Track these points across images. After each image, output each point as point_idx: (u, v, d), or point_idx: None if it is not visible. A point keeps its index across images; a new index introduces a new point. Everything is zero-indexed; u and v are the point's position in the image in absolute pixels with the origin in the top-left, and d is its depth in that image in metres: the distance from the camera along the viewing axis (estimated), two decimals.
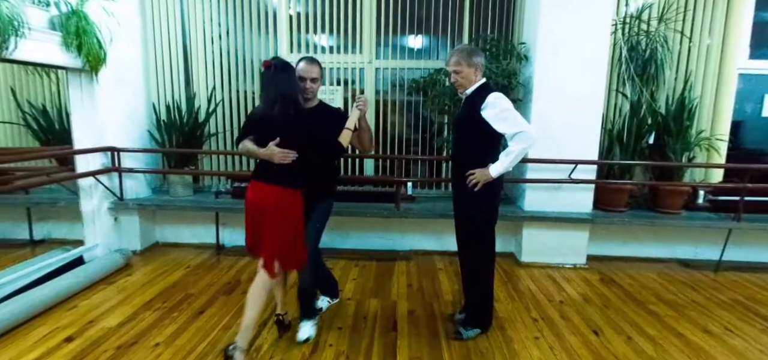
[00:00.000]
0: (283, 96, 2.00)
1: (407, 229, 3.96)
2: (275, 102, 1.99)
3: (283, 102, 2.00)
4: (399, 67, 4.14)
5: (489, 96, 2.23)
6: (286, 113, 2.00)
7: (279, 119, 2.00)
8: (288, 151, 2.03)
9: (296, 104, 2.06)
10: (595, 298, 3.05)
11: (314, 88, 2.24)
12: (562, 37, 3.39)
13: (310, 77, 2.21)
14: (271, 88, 2.01)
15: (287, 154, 2.03)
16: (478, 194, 2.29)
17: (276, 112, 1.99)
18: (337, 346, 2.37)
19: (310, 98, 2.27)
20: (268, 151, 2.03)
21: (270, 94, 2.02)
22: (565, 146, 3.48)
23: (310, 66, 2.22)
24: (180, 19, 4.09)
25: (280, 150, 2.02)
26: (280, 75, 2.02)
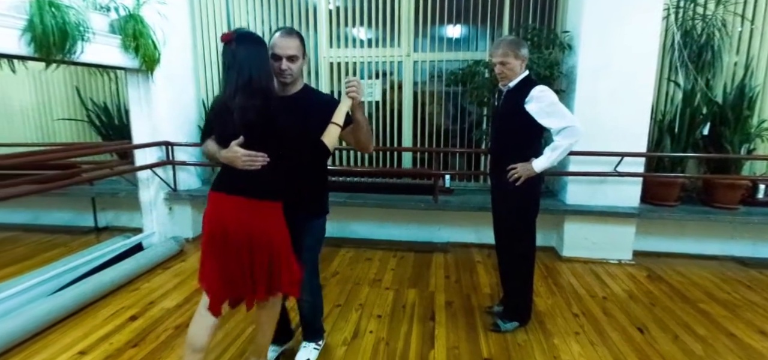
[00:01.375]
0: (249, 82, 1.49)
1: (445, 221, 3.98)
2: (237, 89, 1.48)
3: (249, 89, 1.49)
4: (437, 59, 4.13)
5: (534, 89, 2.20)
6: (250, 104, 1.49)
7: (242, 112, 1.49)
8: (255, 153, 1.54)
9: (267, 92, 1.53)
10: (641, 295, 2.95)
11: (292, 69, 1.69)
12: (608, 24, 3.27)
13: (286, 55, 1.66)
14: (234, 71, 1.50)
15: (254, 158, 1.54)
16: (519, 188, 2.27)
17: (238, 103, 1.48)
18: (376, 332, 2.44)
19: (289, 82, 1.72)
20: (229, 154, 1.56)
21: (231, 79, 1.50)
22: (611, 138, 3.36)
23: (287, 39, 1.66)
24: (226, 19, 4.27)
25: (244, 152, 1.54)
26: (246, 52, 1.50)
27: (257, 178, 1.58)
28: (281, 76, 1.68)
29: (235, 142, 1.55)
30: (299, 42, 1.70)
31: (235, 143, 1.55)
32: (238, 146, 1.54)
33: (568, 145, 2.20)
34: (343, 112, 1.72)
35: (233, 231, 1.57)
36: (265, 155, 1.56)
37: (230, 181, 1.60)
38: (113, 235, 3.81)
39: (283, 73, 1.68)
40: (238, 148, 1.54)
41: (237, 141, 1.54)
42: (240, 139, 1.54)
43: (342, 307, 2.74)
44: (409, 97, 4.18)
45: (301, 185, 1.80)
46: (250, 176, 1.57)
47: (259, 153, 1.55)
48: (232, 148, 1.55)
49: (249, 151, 1.54)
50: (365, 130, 1.82)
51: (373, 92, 4.18)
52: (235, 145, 1.55)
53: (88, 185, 4.25)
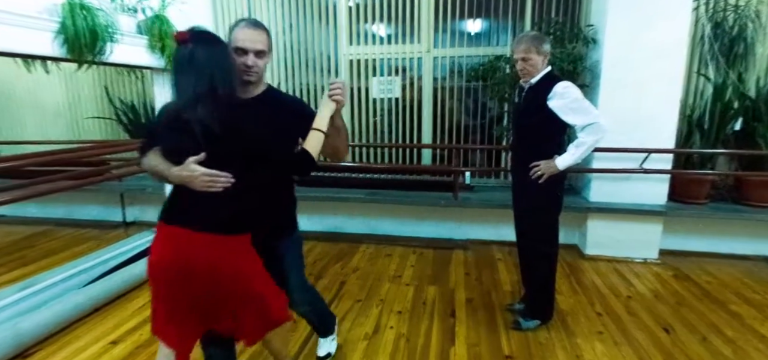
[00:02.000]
0: (212, 89, 1.26)
1: (465, 218, 3.96)
2: (198, 98, 1.25)
3: (212, 98, 1.26)
4: (457, 55, 4.10)
5: (557, 85, 2.16)
6: (214, 114, 1.25)
7: (204, 124, 1.24)
8: (216, 172, 1.28)
9: (232, 99, 1.32)
10: (668, 295, 2.88)
11: (260, 66, 1.47)
12: (635, 17, 3.18)
13: (254, 50, 1.44)
14: (190, 75, 1.27)
15: (215, 178, 1.29)
16: (542, 186, 2.24)
17: (199, 114, 1.24)
18: (397, 328, 2.46)
19: (254, 82, 1.49)
20: (184, 173, 1.28)
21: (187, 85, 1.27)
22: (637, 134, 3.28)
23: (255, 32, 1.45)
24: (248, 15, 4.33)
25: (204, 171, 1.28)
26: (206, 54, 1.28)
27: (221, 204, 1.30)
28: (246, 74, 1.45)
29: (192, 159, 1.26)
30: (267, 36, 1.49)
31: (193, 160, 1.26)
32: (195, 165, 1.27)
33: (592, 142, 2.17)
34: (326, 117, 1.49)
35: (196, 274, 1.30)
36: (228, 175, 1.29)
37: (186, 209, 1.31)
38: (141, 230, 3.93)
39: (249, 71, 1.45)
40: (196, 167, 1.27)
41: (195, 158, 1.26)
42: (199, 156, 1.27)
43: (362, 302, 2.77)
44: (428, 93, 4.16)
45: (273, 206, 1.56)
46: (213, 202, 1.29)
47: (221, 172, 1.28)
48: (188, 165, 1.27)
49: (209, 170, 1.27)
50: (345, 136, 1.63)
51: (392, 89, 4.18)
52: (192, 163, 1.27)
53: (117, 181, 4.39)
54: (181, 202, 1.34)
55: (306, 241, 3.96)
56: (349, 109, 4.29)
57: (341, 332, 2.39)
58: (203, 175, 1.28)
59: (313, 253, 3.65)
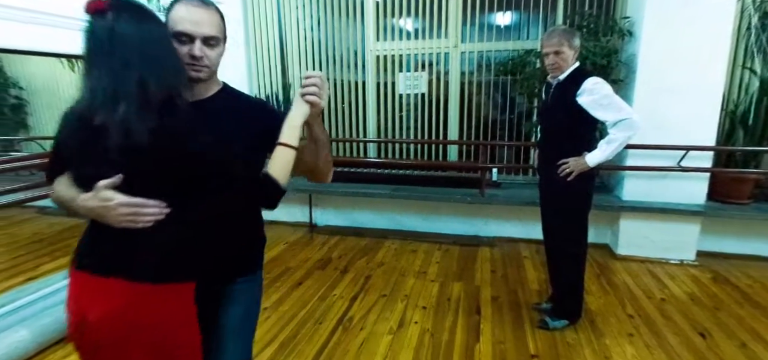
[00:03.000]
0: (142, 83, 0.89)
1: (492, 215, 3.92)
2: (118, 95, 0.88)
3: (142, 96, 0.89)
4: (486, 49, 4.05)
5: (586, 81, 2.12)
6: (141, 120, 0.88)
7: (125, 132, 0.87)
8: (142, 201, 0.93)
9: (172, 100, 0.93)
10: (705, 298, 2.77)
11: (210, 57, 1.07)
12: (675, 7, 3.05)
13: (201, 35, 1.04)
14: (112, 62, 0.89)
15: (140, 209, 0.93)
16: (571, 184, 2.20)
17: (119, 117, 0.87)
18: (421, 323, 2.48)
19: (204, 79, 1.09)
20: (95, 203, 0.92)
21: (103, 75, 0.89)
22: (674, 130, 3.15)
23: (201, 11, 1.05)
24: (277, 15, 4.42)
25: (123, 200, 0.91)
26: (133, 32, 0.91)
27: (150, 244, 0.94)
28: (191, 68, 1.04)
29: (105, 184, 0.89)
30: (219, 17, 1.09)
31: (106, 184, 0.90)
32: (110, 190, 0.90)
33: (624, 138, 2.12)
34: (296, 126, 1.06)
35: (110, 338, 0.93)
36: (160, 203, 0.93)
37: (103, 251, 0.96)
38: None
39: (195, 65, 1.04)
40: (110, 194, 0.90)
41: (108, 181, 0.89)
42: (114, 179, 0.89)
43: (387, 297, 2.80)
44: (455, 89, 4.13)
45: (229, 241, 1.14)
46: (138, 241, 0.93)
47: (148, 201, 0.92)
48: (100, 192, 0.90)
49: (131, 198, 0.90)
50: (326, 153, 1.18)
51: (418, 84, 4.17)
52: (105, 189, 0.90)
53: None
54: (96, 241, 0.98)
55: (331, 235, 4.05)
56: (375, 105, 4.32)
57: (366, 326, 2.44)
58: (121, 204, 0.90)
59: (339, 248, 3.71)
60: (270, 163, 1.03)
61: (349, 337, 2.33)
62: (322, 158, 1.18)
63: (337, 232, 4.04)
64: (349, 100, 4.38)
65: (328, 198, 4.22)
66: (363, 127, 4.39)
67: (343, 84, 4.42)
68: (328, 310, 2.60)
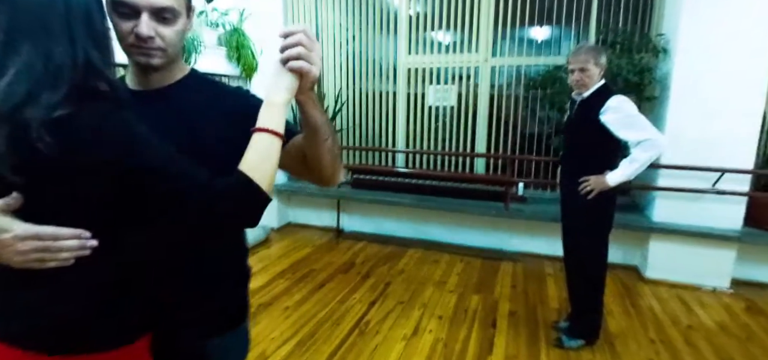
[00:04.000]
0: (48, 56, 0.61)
1: (517, 229, 3.91)
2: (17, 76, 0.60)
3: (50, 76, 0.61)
4: (516, 64, 4.06)
5: (610, 99, 2.13)
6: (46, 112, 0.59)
7: (21, 130, 0.58)
8: (55, 230, 0.64)
9: (98, 83, 0.65)
10: (735, 328, 2.66)
11: (167, 36, 0.79)
12: (711, 25, 2.96)
13: (150, 6, 0.75)
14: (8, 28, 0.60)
15: (53, 241, 0.64)
16: (592, 202, 2.21)
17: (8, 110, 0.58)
18: (436, 332, 2.54)
19: (158, 65, 0.81)
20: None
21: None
22: (710, 151, 3.05)
23: None
24: (315, 27, 4.63)
25: (26, 229, 0.63)
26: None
27: (68, 295, 0.68)
28: (139, 51, 0.78)
29: (5, 200, 0.63)
30: None
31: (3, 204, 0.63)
32: (3, 217, 0.63)
33: (647, 159, 2.11)
34: (278, 104, 0.76)
35: None
36: (82, 232, 0.66)
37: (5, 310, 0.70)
38: None
39: (143, 47, 0.77)
40: (4, 222, 0.63)
41: (10, 199, 0.63)
42: (7, 200, 0.63)
43: (405, 304, 2.88)
44: (485, 102, 4.16)
45: (198, 282, 0.87)
46: (56, 290, 0.68)
47: (63, 230, 0.65)
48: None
49: (37, 228, 0.64)
50: (329, 141, 0.87)
51: (448, 97, 4.24)
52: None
53: None
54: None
55: (357, 241, 4.18)
56: (405, 116, 4.42)
57: (381, 330, 2.53)
58: (22, 238, 0.63)
59: (363, 253, 3.83)
60: (243, 158, 0.71)
61: (365, 340, 2.44)
62: (325, 149, 0.85)
63: (362, 238, 4.17)
64: (380, 111, 4.52)
65: (355, 204, 4.35)
66: (393, 137, 4.51)
67: (375, 94, 4.56)
68: (346, 313, 2.72)
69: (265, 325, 2.55)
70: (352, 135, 4.68)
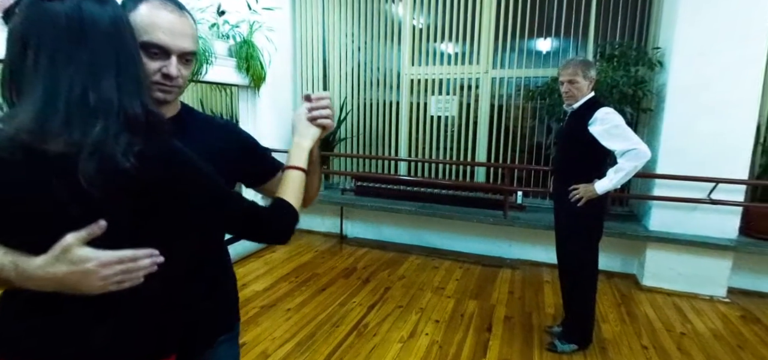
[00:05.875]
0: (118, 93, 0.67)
1: (514, 237, 3.98)
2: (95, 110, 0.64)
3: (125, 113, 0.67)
4: (516, 76, 4.16)
5: (598, 111, 2.22)
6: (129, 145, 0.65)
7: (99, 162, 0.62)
8: (132, 252, 0.70)
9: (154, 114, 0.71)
10: (728, 336, 2.69)
11: (185, 77, 0.87)
12: (705, 39, 3.04)
13: (180, 50, 0.83)
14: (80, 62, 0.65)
15: (133, 262, 0.70)
16: (582, 210, 2.29)
17: (94, 140, 0.63)
18: (432, 335, 2.62)
19: (171, 101, 0.89)
20: (62, 269, 0.66)
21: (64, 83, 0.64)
22: (706, 162, 3.10)
23: (181, 20, 0.84)
24: (322, 39, 4.78)
25: (109, 256, 0.68)
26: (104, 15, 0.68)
27: (130, 311, 0.75)
28: (160, 89, 0.84)
29: (76, 238, 0.65)
30: (194, 28, 0.87)
31: (79, 239, 0.66)
32: (84, 247, 0.66)
33: (632, 168, 2.19)
34: (306, 149, 0.96)
35: None
36: (151, 251, 0.72)
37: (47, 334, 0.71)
38: None
39: (167, 86, 0.84)
40: (86, 252, 0.66)
41: (81, 233, 0.66)
42: (92, 228, 0.66)
43: (403, 308, 2.96)
44: (485, 112, 4.26)
45: (208, 292, 0.97)
46: (107, 308, 0.72)
47: (138, 251, 0.70)
48: (70, 252, 0.66)
49: (119, 253, 0.69)
50: (319, 176, 1.10)
51: (449, 107, 4.34)
52: (77, 246, 0.66)
53: None
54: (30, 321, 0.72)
55: (360, 246, 4.28)
56: (408, 125, 4.53)
57: (379, 333, 2.62)
58: (106, 264, 0.67)
59: (365, 259, 3.92)
60: (281, 189, 0.91)
61: (362, 342, 2.52)
62: (314, 183, 1.07)
63: (365, 245, 4.26)
64: (384, 120, 4.64)
65: (358, 211, 4.46)
66: (396, 145, 4.62)
67: (379, 104, 4.68)
68: (345, 316, 2.81)
69: (266, 325, 2.66)
70: (356, 143, 4.80)
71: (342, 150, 4.83)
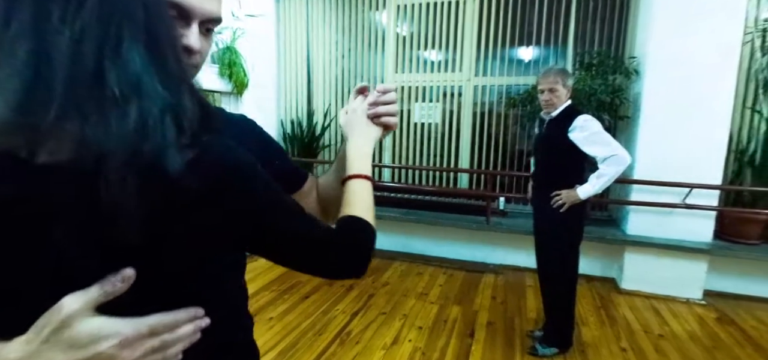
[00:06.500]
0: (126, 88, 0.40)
1: (498, 242, 4.01)
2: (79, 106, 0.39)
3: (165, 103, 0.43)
4: (498, 83, 4.22)
5: (577, 118, 2.26)
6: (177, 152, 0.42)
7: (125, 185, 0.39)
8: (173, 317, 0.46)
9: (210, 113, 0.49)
10: (704, 337, 2.76)
11: (206, 52, 0.64)
12: (678, 49, 3.13)
13: (204, 14, 0.60)
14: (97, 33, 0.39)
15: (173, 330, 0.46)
16: (563, 215, 2.32)
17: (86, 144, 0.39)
18: (415, 342, 2.62)
19: None
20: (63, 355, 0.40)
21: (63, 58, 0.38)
22: (680, 168, 3.18)
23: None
24: (306, 46, 4.78)
25: (142, 326, 0.43)
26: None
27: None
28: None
29: (82, 301, 0.41)
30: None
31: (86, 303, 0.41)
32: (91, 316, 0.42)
33: (614, 173, 2.24)
34: (368, 154, 0.78)
35: None
36: (196, 310, 0.50)
37: None
38: None
39: (189, 61, 0.62)
40: (108, 325, 0.42)
41: (94, 292, 0.42)
42: (112, 282, 0.42)
43: (387, 315, 2.96)
44: (468, 119, 4.31)
45: None
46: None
47: (178, 314, 0.48)
48: (73, 325, 0.41)
49: (154, 321, 0.45)
50: None
51: (433, 114, 4.38)
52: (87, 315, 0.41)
53: None
54: None
55: None
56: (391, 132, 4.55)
57: (362, 340, 2.61)
58: (137, 339, 0.44)
59: None
60: (347, 205, 0.69)
61: (345, 349, 2.51)
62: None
63: None
64: None
65: None
66: (380, 152, 4.64)
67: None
68: (329, 323, 2.80)
69: None
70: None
71: (326, 157, 4.82)
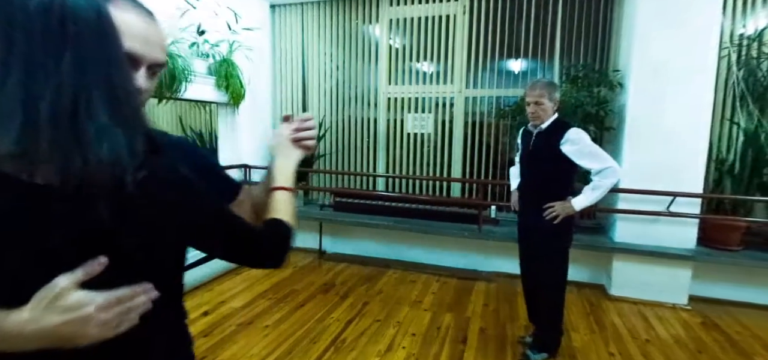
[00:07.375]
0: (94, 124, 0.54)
1: (490, 250, 4.09)
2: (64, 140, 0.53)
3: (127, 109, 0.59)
4: (488, 95, 4.33)
5: (569, 131, 2.31)
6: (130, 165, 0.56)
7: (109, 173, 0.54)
8: (130, 290, 0.59)
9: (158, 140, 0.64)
10: (689, 342, 2.84)
11: (151, 90, 0.76)
12: (660, 63, 3.26)
13: (151, 60, 0.73)
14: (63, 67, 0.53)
15: (131, 300, 0.60)
16: (555, 227, 2.36)
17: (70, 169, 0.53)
18: (408, 349, 2.67)
19: None
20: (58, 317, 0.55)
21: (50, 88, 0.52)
22: (664, 177, 3.30)
23: (153, 26, 0.73)
24: (301, 58, 4.87)
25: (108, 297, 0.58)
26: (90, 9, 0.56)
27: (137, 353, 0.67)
28: None
29: (71, 279, 0.56)
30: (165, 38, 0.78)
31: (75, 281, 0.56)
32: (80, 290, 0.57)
33: (608, 185, 2.29)
34: (291, 172, 0.93)
35: None
36: (146, 285, 0.62)
37: None
38: None
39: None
40: (84, 295, 0.57)
41: (78, 274, 0.56)
42: (92, 266, 0.56)
43: (381, 322, 3.01)
44: (460, 130, 4.41)
45: None
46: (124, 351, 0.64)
47: (135, 287, 0.60)
48: (63, 297, 0.55)
49: (117, 292, 0.58)
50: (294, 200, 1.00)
51: (425, 125, 4.47)
52: (72, 290, 0.56)
53: None
54: None
55: (338, 262, 4.30)
56: (385, 142, 4.64)
57: (356, 347, 2.66)
58: (105, 306, 0.57)
59: (343, 274, 3.96)
60: (272, 211, 0.83)
61: (340, 357, 2.55)
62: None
63: (343, 260, 4.30)
64: (361, 137, 4.73)
65: (337, 227, 4.50)
66: (373, 162, 4.71)
67: (358, 121, 4.78)
68: (323, 331, 2.84)
69: (243, 343, 2.66)
70: (335, 159, 4.87)
71: (321, 166, 4.89)
